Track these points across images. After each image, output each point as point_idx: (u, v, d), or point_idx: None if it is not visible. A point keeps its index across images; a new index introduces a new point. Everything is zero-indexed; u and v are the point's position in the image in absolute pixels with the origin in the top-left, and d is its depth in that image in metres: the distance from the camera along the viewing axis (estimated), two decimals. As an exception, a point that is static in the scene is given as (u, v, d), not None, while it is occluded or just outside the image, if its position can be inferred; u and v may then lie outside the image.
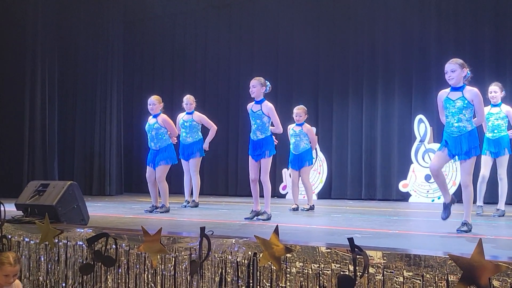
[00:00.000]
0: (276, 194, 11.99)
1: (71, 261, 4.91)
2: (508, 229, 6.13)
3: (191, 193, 9.13)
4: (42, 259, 5.13)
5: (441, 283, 3.21)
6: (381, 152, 11.44)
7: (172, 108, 14.03)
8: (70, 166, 13.12)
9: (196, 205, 8.97)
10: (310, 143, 8.59)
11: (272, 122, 6.89)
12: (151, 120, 8.15)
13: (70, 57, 13.21)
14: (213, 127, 9.15)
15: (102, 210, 8.28)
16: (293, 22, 12.58)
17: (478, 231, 5.57)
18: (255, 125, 6.77)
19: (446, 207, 5.60)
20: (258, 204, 6.83)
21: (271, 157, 6.78)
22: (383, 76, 11.54)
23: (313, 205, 8.49)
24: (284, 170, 11.98)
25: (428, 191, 10.68)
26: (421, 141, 10.81)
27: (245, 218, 6.74)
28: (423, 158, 10.79)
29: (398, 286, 3.35)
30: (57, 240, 4.99)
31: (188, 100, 9.16)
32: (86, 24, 13.26)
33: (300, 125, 8.52)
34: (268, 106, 6.75)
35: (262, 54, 12.93)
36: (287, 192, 11.89)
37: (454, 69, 5.36)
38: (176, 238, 4.31)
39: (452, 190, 10.42)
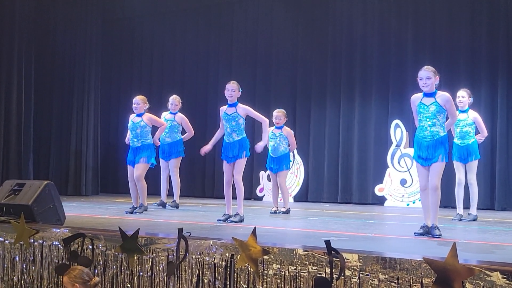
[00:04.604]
0: (253, 196, 12.02)
1: (46, 261, 4.88)
2: (482, 234, 6.23)
3: (168, 194, 9.13)
4: (17, 259, 5.09)
5: (415, 285, 3.27)
6: (357, 156, 11.53)
7: (149, 108, 14.01)
8: (46, 166, 12.99)
9: (176, 206, 8.95)
10: (289, 146, 8.60)
11: (255, 119, 7.09)
12: (135, 118, 8.23)
13: (47, 56, 13.08)
14: (190, 132, 9.24)
15: (78, 210, 8.22)
16: (272, 25, 12.63)
17: (453, 235, 5.65)
18: (230, 128, 6.83)
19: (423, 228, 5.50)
20: (230, 208, 6.86)
21: (246, 158, 6.84)
22: (360, 81, 11.64)
23: (289, 209, 8.47)
24: (262, 173, 12.00)
25: (403, 195, 10.78)
26: (397, 145, 10.91)
27: (217, 220, 6.74)
28: (399, 163, 10.89)
29: (374, 289, 3.39)
30: (32, 240, 4.95)
31: (174, 100, 9.17)
32: (64, 23, 13.14)
33: (280, 128, 8.52)
34: (243, 107, 6.87)
35: (241, 57, 12.95)
36: (264, 195, 11.92)
37: (430, 77, 5.47)
38: (153, 239, 4.31)
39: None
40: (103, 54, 13.80)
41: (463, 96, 7.47)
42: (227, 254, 3.93)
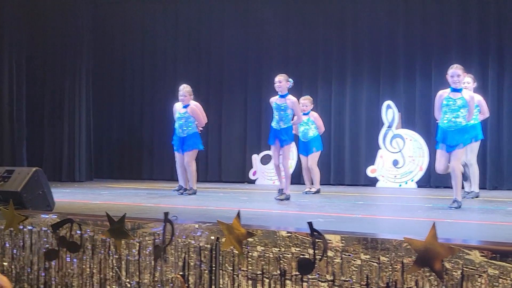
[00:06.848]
0: (246, 179, 12.06)
1: (36, 247, 4.91)
2: (469, 213, 6.28)
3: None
4: (7, 245, 5.11)
5: (396, 265, 3.30)
6: (349, 138, 11.57)
7: (142, 94, 14.01)
8: (39, 153, 12.98)
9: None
10: (318, 128, 9.12)
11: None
12: (181, 109, 8.49)
13: (39, 42, 13.02)
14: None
15: (71, 196, 8.24)
16: (263, 8, 12.57)
17: (439, 215, 5.70)
18: (278, 116, 7.54)
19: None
20: (283, 184, 7.66)
21: (291, 144, 7.67)
22: (352, 62, 11.65)
23: (319, 189, 9.01)
24: (254, 156, 12.03)
25: (395, 176, 10.84)
26: (389, 126, 10.95)
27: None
28: (391, 144, 10.93)
29: (356, 269, 3.43)
30: (22, 226, 4.98)
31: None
32: (54, 8, 13.06)
33: (307, 114, 8.98)
34: (292, 100, 7.61)
35: (233, 40, 12.91)
36: (257, 178, 11.96)
37: (460, 74, 6.28)
38: (140, 223, 4.33)
39: (419, 175, 10.64)
40: (94, 41, 13.72)
41: (468, 82, 7.61)
42: (212, 237, 3.96)
